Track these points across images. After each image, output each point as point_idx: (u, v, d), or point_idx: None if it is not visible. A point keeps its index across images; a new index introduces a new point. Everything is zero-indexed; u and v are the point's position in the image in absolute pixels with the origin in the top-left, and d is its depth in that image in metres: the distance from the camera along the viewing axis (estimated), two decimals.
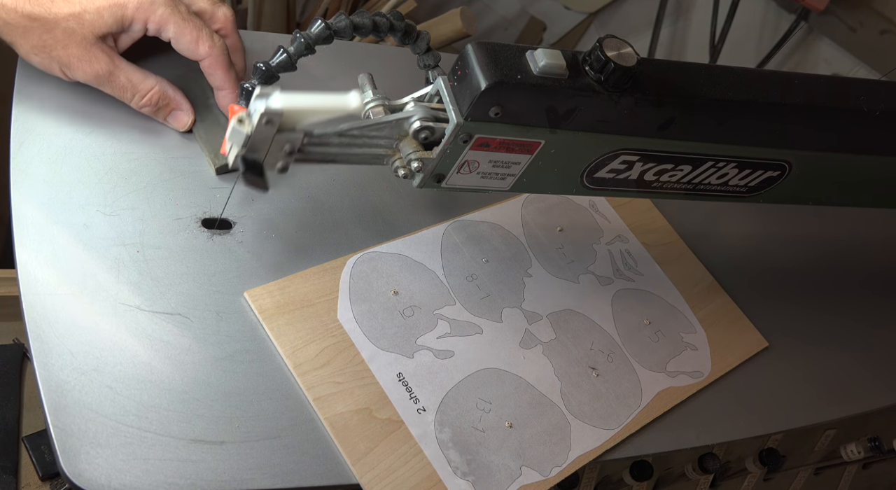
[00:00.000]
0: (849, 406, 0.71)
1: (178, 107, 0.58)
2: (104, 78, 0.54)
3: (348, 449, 0.50)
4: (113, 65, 0.54)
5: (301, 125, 0.46)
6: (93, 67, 0.53)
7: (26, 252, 0.50)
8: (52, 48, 0.52)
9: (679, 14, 1.74)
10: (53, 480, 0.59)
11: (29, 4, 0.51)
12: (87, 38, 0.52)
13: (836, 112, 0.53)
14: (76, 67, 0.53)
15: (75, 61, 0.53)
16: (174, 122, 0.58)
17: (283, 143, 0.46)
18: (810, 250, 0.82)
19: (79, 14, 0.52)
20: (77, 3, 0.52)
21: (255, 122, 0.45)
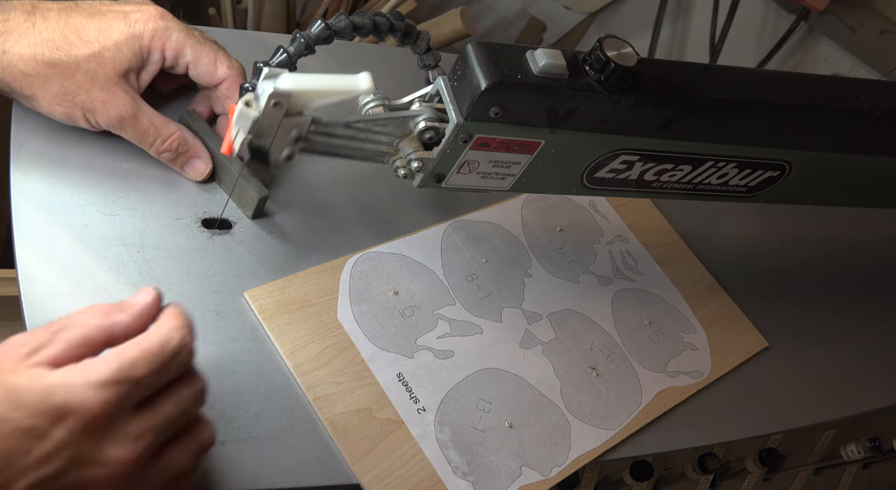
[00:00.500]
0: (849, 406, 0.71)
1: (197, 154, 0.56)
2: (128, 120, 0.52)
3: (348, 449, 0.50)
4: (136, 107, 0.52)
5: (309, 109, 0.46)
6: (117, 109, 0.51)
7: (26, 252, 0.50)
8: (74, 95, 0.50)
9: (679, 14, 1.74)
10: None
11: (48, 50, 0.49)
12: (110, 78, 0.51)
13: (836, 112, 0.53)
14: (100, 111, 0.51)
15: (99, 105, 0.51)
16: (191, 170, 0.56)
17: (291, 129, 0.46)
18: (810, 250, 0.82)
19: (98, 53, 0.50)
20: (94, 42, 0.50)
21: (263, 104, 0.44)
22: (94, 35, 0.50)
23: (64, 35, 0.50)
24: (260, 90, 0.45)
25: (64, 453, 0.35)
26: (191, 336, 0.40)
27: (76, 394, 0.35)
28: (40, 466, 0.35)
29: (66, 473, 0.36)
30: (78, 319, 0.39)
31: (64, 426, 0.35)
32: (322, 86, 0.46)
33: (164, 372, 0.38)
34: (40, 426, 0.35)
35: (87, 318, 0.39)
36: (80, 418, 0.35)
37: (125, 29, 0.51)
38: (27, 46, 0.49)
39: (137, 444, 0.37)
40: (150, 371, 0.38)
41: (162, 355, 0.38)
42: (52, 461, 0.35)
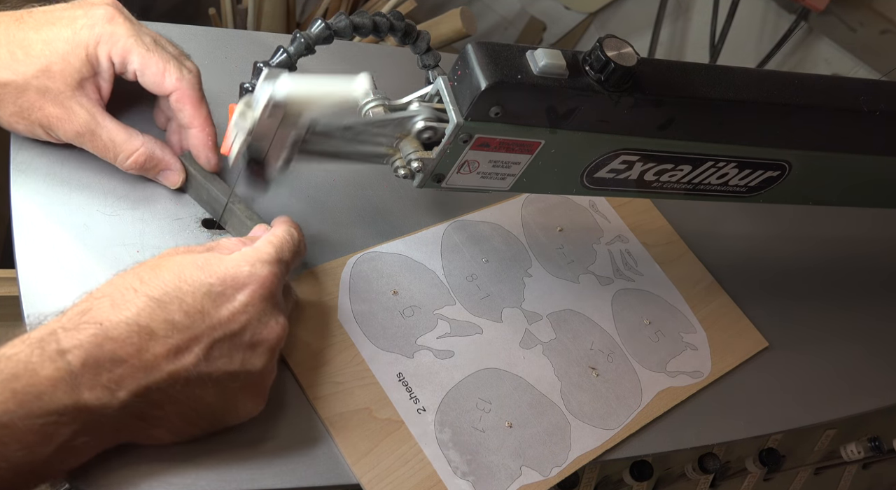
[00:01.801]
0: (849, 406, 0.71)
1: (168, 167, 0.54)
2: (86, 136, 0.51)
3: (348, 449, 0.50)
4: (94, 122, 0.50)
5: (306, 115, 0.46)
6: (73, 126, 0.50)
7: (26, 252, 0.50)
8: (29, 112, 0.49)
9: (679, 14, 1.74)
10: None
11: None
12: (63, 93, 0.49)
13: (836, 112, 0.53)
14: (57, 127, 0.50)
15: (55, 121, 0.50)
16: (164, 180, 0.55)
17: (288, 134, 0.46)
18: (810, 250, 0.82)
19: (46, 68, 0.48)
20: (41, 57, 0.48)
21: (260, 111, 0.44)
22: (40, 49, 0.49)
23: (10, 52, 0.48)
24: (257, 95, 0.45)
25: (245, 314, 0.43)
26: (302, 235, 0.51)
27: (256, 267, 0.44)
28: (227, 323, 0.42)
29: (246, 331, 0.43)
30: (224, 242, 0.48)
31: (246, 292, 0.43)
32: (319, 90, 0.46)
33: (298, 257, 0.49)
34: (228, 292, 0.43)
35: (231, 241, 0.48)
36: (258, 287, 0.44)
37: (71, 37, 0.49)
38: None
39: (286, 315, 0.46)
40: (292, 255, 0.48)
41: (294, 243, 0.49)
42: (237, 319, 0.43)
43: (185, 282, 0.42)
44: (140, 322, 0.40)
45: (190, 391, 0.42)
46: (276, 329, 0.45)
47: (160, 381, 0.40)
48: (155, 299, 0.41)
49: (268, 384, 0.46)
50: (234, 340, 0.43)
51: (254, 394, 0.46)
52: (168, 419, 0.42)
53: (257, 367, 0.44)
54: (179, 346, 0.41)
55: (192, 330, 0.41)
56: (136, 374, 0.39)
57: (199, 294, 0.42)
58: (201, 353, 0.41)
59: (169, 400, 0.41)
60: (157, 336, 0.40)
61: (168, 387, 0.41)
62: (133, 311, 0.40)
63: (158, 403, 0.41)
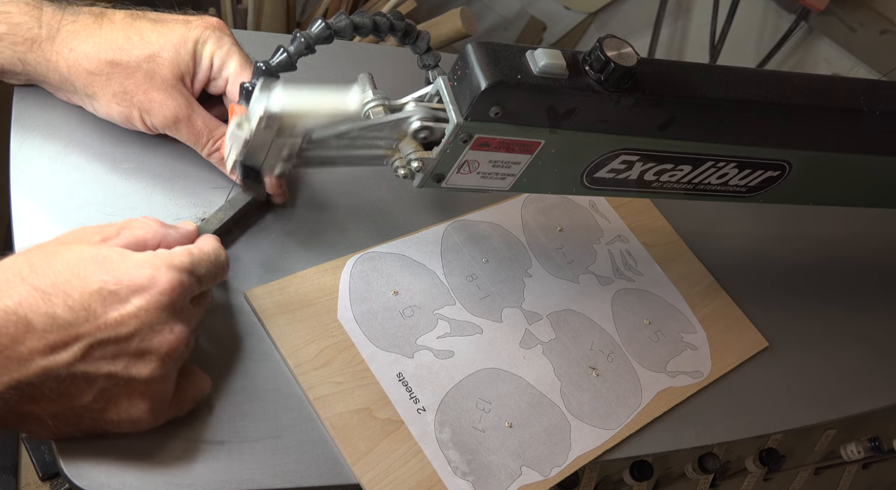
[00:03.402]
0: (849, 406, 0.71)
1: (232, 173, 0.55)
2: (183, 122, 0.53)
3: (348, 449, 0.50)
4: (191, 109, 0.53)
5: (300, 128, 0.46)
6: (172, 110, 0.53)
7: None
8: (133, 94, 0.52)
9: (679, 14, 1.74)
10: (53, 480, 0.59)
11: (111, 50, 0.51)
12: (167, 80, 0.52)
13: (836, 112, 0.53)
14: (157, 112, 0.52)
15: (156, 106, 0.52)
16: None
17: (283, 146, 0.46)
18: (810, 250, 0.82)
19: (156, 54, 0.52)
20: (153, 43, 0.52)
21: (254, 126, 0.45)
22: (155, 38, 0.52)
23: (127, 37, 0.52)
24: (251, 112, 0.45)
25: (137, 319, 0.41)
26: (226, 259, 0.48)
27: (160, 272, 0.42)
28: (115, 326, 0.40)
29: (135, 337, 0.41)
30: (138, 223, 0.46)
31: (142, 297, 0.41)
32: (312, 106, 0.46)
33: (214, 278, 0.47)
34: (123, 293, 0.41)
35: (146, 223, 0.46)
36: (157, 293, 0.41)
37: (184, 33, 0.53)
38: (92, 46, 0.51)
39: (189, 328, 0.44)
40: (207, 272, 0.46)
41: (216, 263, 0.46)
42: (127, 323, 0.40)
43: (77, 276, 0.40)
44: (19, 312, 0.38)
45: (64, 389, 0.40)
46: (170, 338, 0.42)
47: (32, 376, 0.38)
48: (40, 290, 0.39)
49: (158, 393, 0.44)
50: (119, 344, 0.41)
51: (138, 401, 0.43)
52: (41, 416, 0.41)
53: (143, 374, 0.42)
54: (57, 342, 0.39)
55: (75, 328, 0.39)
56: (9, 366, 0.38)
57: (90, 291, 0.40)
58: (80, 352, 0.39)
59: (42, 396, 0.40)
60: (34, 329, 0.38)
61: (40, 383, 0.39)
62: (14, 300, 0.38)
63: (31, 398, 0.40)
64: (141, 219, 0.47)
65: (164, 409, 0.45)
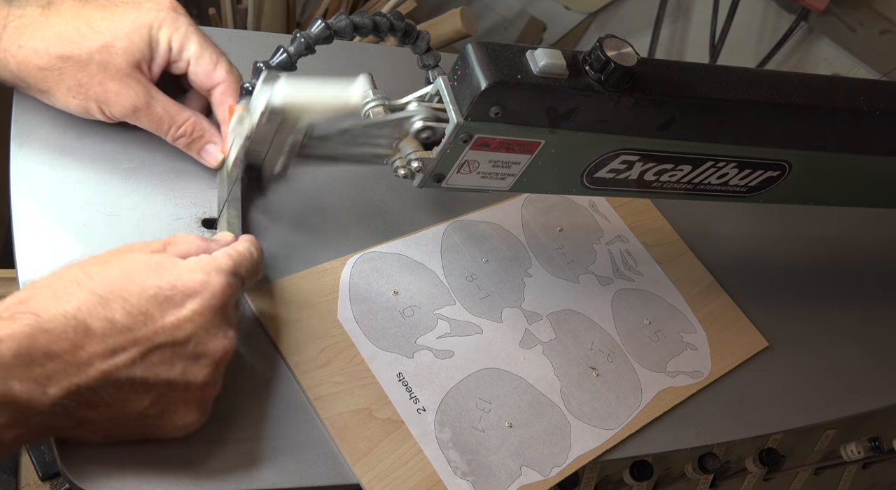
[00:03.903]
0: (849, 406, 0.71)
1: (212, 139, 0.55)
2: (142, 110, 0.52)
3: (348, 449, 0.50)
4: (150, 96, 0.52)
5: (304, 120, 0.46)
6: (130, 99, 0.51)
7: (26, 252, 0.50)
8: (88, 86, 0.51)
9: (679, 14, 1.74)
10: (53, 480, 0.59)
11: (61, 44, 0.49)
12: (122, 69, 0.51)
13: (836, 112, 0.53)
14: (114, 102, 0.51)
15: (113, 96, 0.51)
16: (207, 156, 0.56)
17: (285, 140, 0.46)
18: (810, 250, 0.82)
19: (110, 44, 0.50)
20: (106, 33, 0.50)
21: (256, 120, 0.45)
22: (106, 26, 0.50)
23: (76, 27, 0.50)
24: (254, 103, 0.45)
25: (192, 323, 0.41)
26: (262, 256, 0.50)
27: (210, 276, 0.43)
28: (172, 330, 0.41)
29: (191, 340, 0.42)
30: (181, 239, 0.47)
31: (196, 300, 0.42)
32: (316, 99, 0.46)
33: (253, 275, 0.48)
34: (178, 298, 0.41)
35: (189, 238, 0.47)
36: (210, 296, 0.42)
37: (136, 18, 0.51)
38: (41, 41, 0.50)
39: (235, 329, 0.45)
40: (248, 272, 0.47)
41: (252, 261, 0.48)
42: (183, 327, 0.41)
43: (133, 281, 0.41)
44: (79, 317, 0.38)
45: (123, 395, 0.40)
46: (224, 342, 0.43)
47: (93, 381, 0.39)
48: (98, 295, 0.39)
49: (209, 398, 0.45)
50: (176, 349, 0.41)
51: (193, 406, 0.44)
52: (98, 422, 0.41)
53: (198, 379, 0.42)
54: (117, 347, 0.39)
55: (133, 332, 0.40)
56: (69, 371, 0.38)
57: (146, 296, 0.41)
58: (139, 356, 0.40)
59: (101, 402, 0.40)
60: (94, 334, 0.39)
61: (100, 388, 0.39)
62: (73, 305, 0.39)
63: (90, 403, 0.40)
64: (183, 235, 0.48)
65: (209, 413, 0.45)
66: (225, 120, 0.55)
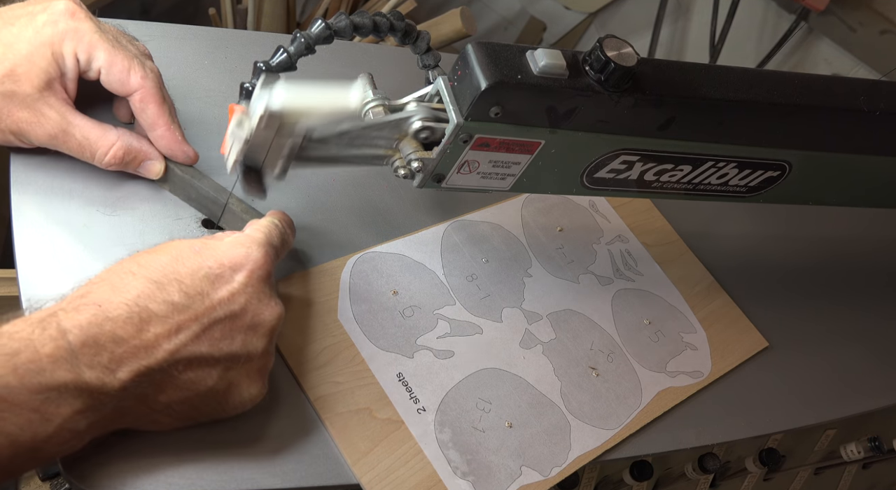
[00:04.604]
0: (849, 406, 0.71)
1: (147, 156, 0.52)
2: (59, 137, 0.49)
3: (348, 449, 0.50)
4: (66, 122, 0.49)
5: (301, 125, 0.46)
6: (44, 129, 0.48)
7: (26, 252, 0.50)
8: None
9: (679, 14, 1.74)
10: (53, 480, 0.59)
11: None
12: (30, 95, 0.47)
13: (836, 112, 0.53)
14: (28, 132, 0.48)
15: (25, 126, 0.48)
16: (145, 172, 0.53)
17: (284, 143, 0.46)
18: (810, 250, 0.82)
19: (11, 72, 0.47)
20: (4, 60, 0.46)
21: (255, 125, 0.45)
22: (2, 52, 0.47)
23: None
24: (251, 110, 0.45)
25: (244, 295, 0.44)
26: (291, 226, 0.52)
27: (252, 249, 0.45)
28: (227, 303, 0.43)
29: (247, 312, 0.44)
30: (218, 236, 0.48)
31: (243, 272, 0.44)
32: (314, 102, 0.46)
33: (286, 245, 0.50)
34: (226, 273, 0.43)
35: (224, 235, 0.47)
36: (255, 267, 0.44)
37: (33, 37, 0.47)
38: None
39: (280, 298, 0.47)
40: (280, 241, 0.49)
41: (280, 231, 0.49)
42: (236, 299, 0.43)
43: (182, 264, 0.43)
44: (140, 303, 0.40)
45: (192, 373, 0.42)
46: (277, 309, 0.45)
47: (161, 362, 0.40)
48: (154, 281, 0.41)
49: (268, 368, 0.47)
50: (234, 321, 0.43)
51: (255, 378, 0.46)
52: (170, 404, 0.42)
53: (259, 348, 0.44)
54: (180, 325, 0.41)
55: (192, 310, 0.41)
56: (137, 354, 0.39)
57: (198, 276, 0.42)
58: (202, 332, 0.42)
59: (171, 382, 0.41)
60: (156, 316, 0.40)
61: (169, 367, 0.41)
62: (133, 293, 0.40)
63: (160, 385, 0.41)
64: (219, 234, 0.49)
65: (267, 385, 0.47)
66: (151, 125, 0.52)
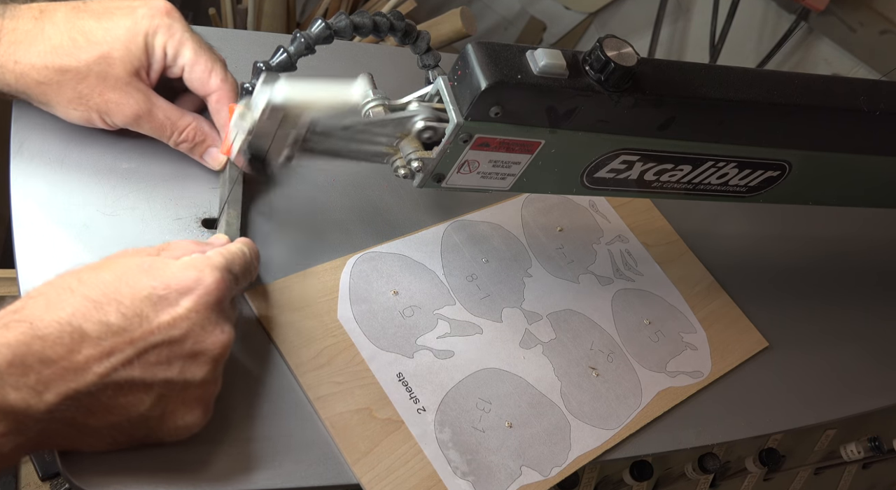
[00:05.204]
0: (849, 406, 0.71)
1: (214, 143, 0.56)
2: (144, 117, 0.52)
3: (348, 449, 0.50)
4: (150, 103, 0.52)
5: (306, 115, 0.46)
6: (131, 108, 0.52)
7: (26, 252, 0.50)
8: (88, 97, 0.51)
9: (679, 14, 1.74)
10: (53, 480, 0.59)
11: (58, 57, 0.49)
12: (121, 79, 0.51)
13: (836, 112, 0.53)
14: (115, 112, 0.51)
15: (114, 106, 0.51)
16: (210, 159, 0.56)
17: (288, 134, 0.46)
18: (810, 250, 0.82)
19: (107, 54, 0.50)
20: (102, 43, 0.50)
21: (257, 116, 0.45)
22: (102, 36, 0.50)
23: (72, 38, 0.50)
24: (256, 99, 0.45)
25: (188, 321, 0.41)
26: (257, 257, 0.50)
27: (204, 273, 0.43)
28: (168, 329, 0.41)
29: (188, 338, 0.41)
30: (176, 245, 0.47)
31: (191, 298, 0.42)
32: (317, 96, 0.46)
33: (247, 275, 0.48)
34: (172, 296, 0.41)
35: (183, 244, 0.47)
36: (204, 293, 0.42)
37: (131, 26, 0.51)
38: (37, 55, 0.49)
39: (233, 327, 0.44)
40: (241, 270, 0.47)
41: (246, 260, 0.48)
42: (178, 325, 0.41)
43: (126, 284, 0.41)
44: (73, 322, 0.38)
45: (123, 398, 0.40)
46: (222, 338, 0.43)
47: (90, 385, 0.38)
48: (92, 300, 0.39)
49: (210, 396, 0.44)
50: (173, 347, 0.41)
51: (194, 406, 0.43)
52: (100, 428, 0.41)
53: (197, 377, 0.42)
54: (112, 349, 0.39)
55: (128, 333, 0.39)
56: (66, 376, 0.38)
57: (140, 297, 0.40)
58: (135, 357, 0.40)
59: (100, 406, 0.40)
60: (89, 338, 0.38)
61: (98, 391, 0.39)
62: (67, 312, 0.39)
63: (89, 408, 0.39)
64: (177, 241, 0.48)
65: (211, 412, 0.45)
66: (223, 126, 0.54)
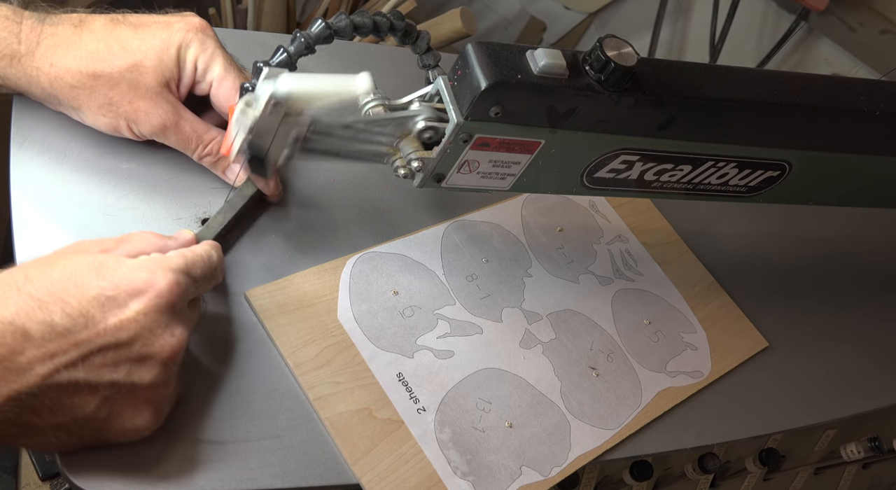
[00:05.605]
0: (849, 406, 0.71)
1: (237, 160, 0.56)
2: (171, 129, 0.53)
3: (348, 449, 0.50)
4: (178, 115, 0.53)
5: (307, 113, 0.46)
6: (160, 118, 0.52)
7: (26, 252, 0.50)
8: (118, 105, 0.51)
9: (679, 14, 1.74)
10: (53, 480, 0.59)
11: (93, 62, 0.50)
12: (152, 88, 0.51)
13: (836, 112, 0.53)
14: (143, 121, 0.52)
15: (143, 115, 0.52)
16: (232, 175, 0.57)
17: (290, 130, 0.46)
18: (810, 250, 0.82)
19: (140, 63, 0.51)
20: (137, 52, 0.51)
21: (262, 106, 0.45)
22: (137, 45, 0.51)
23: (108, 46, 0.50)
24: (259, 92, 0.45)
25: (137, 323, 0.40)
26: (222, 261, 0.49)
27: (156, 275, 0.42)
28: (115, 331, 0.40)
29: (135, 341, 0.41)
30: (136, 236, 0.46)
31: (140, 301, 0.41)
32: (321, 88, 0.46)
33: (209, 279, 0.47)
34: (121, 298, 0.40)
35: (144, 236, 0.47)
36: (155, 296, 0.41)
37: (166, 38, 0.52)
38: (73, 59, 0.50)
39: (187, 331, 0.44)
40: (202, 274, 0.46)
41: (209, 264, 0.47)
42: (127, 327, 0.40)
43: (74, 283, 0.40)
44: (16, 322, 0.38)
45: (67, 399, 0.39)
46: (171, 341, 0.42)
47: (33, 386, 0.38)
48: (37, 299, 0.39)
49: (160, 399, 0.43)
50: (119, 350, 0.40)
51: (142, 408, 0.42)
52: (45, 428, 0.40)
53: (145, 380, 0.41)
54: (56, 350, 0.38)
55: (74, 335, 0.39)
56: (7, 377, 0.37)
57: (87, 297, 0.40)
58: (80, 359, 0.39)
59: (45, 407, 0.39)
60: (32, 338, 0.38)
61: (42, 393, 0.38)
62: (11, 311, 0.38)
63: (34, 409, 0.39)
64: (139, 232, 0.47)
65: (164, 415, 0.45)
66: None
